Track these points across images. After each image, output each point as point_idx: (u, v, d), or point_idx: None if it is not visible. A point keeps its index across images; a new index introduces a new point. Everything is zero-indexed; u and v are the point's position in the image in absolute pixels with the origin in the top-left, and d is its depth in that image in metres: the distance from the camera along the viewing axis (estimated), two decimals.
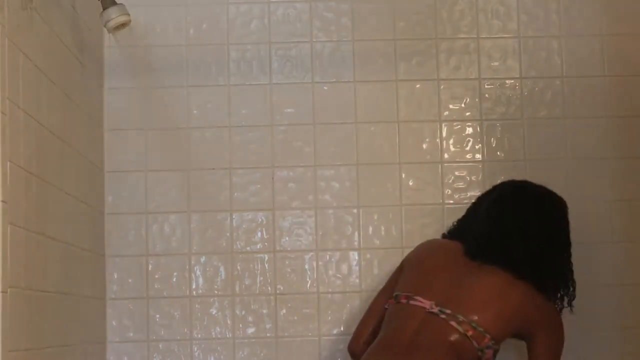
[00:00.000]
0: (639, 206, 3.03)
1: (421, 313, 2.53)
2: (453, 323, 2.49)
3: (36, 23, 2.26)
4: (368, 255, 3.00)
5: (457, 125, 3.07)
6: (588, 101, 3.07)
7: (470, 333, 2.49)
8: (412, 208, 3.02)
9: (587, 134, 3.06)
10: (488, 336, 2.50)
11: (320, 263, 2.99)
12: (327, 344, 2.98)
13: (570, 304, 2.69)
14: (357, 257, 3.00)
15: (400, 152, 3.04)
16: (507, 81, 3.09)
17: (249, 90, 3.06)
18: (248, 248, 3.01)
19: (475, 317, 2.51)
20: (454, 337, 2.49)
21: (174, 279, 3.00)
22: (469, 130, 3.07)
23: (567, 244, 2.69)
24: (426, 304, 2.53)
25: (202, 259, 3.00)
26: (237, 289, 2.99)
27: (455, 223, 2.82)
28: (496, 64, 3.09)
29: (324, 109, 3.03)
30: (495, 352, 2.53)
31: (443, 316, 2.50)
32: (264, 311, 2.98)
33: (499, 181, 3.03)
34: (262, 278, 3.00)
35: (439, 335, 2.49)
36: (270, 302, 2.99)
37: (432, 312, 2.51)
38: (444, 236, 2.83)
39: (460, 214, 2.97)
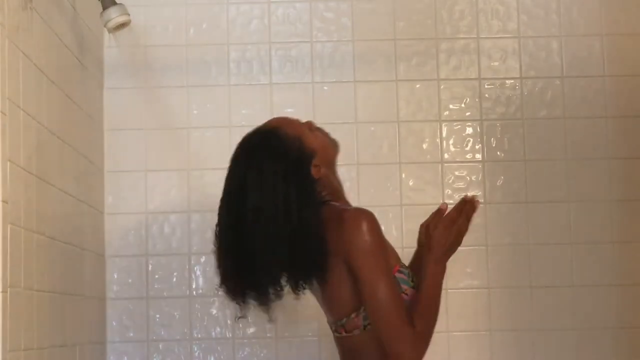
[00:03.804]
0: (639, 206, 3.03)
1: None
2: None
3: (36, 23, 2.26)
4: None
5: (457, 125, 3.08)
6: (588, 101, 3.07)
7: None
8: (412, 208, 3.02)
9: (587, 134, 3.06)
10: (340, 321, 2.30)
11: None
12: (327, 344, 2.97)
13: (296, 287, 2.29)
14: None
15: (400, 152, 3.04)
16: (507, 81, 3.09)
17: (249, 90, 3.06)
18: None
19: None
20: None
21: (174, 279, 3.00)
22: (469, 130, 3.07)
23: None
24: None
25: (202, 259, 3.00)
26: None
27: None
28: (496, 64, 3.09)
29: (324, 109, 3.03)
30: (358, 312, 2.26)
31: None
32: None
33: (499, 181, 3.04)
34: None
35: None
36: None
37: None
38: None
39: None
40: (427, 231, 2.26)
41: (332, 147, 2.36)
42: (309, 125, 2.37)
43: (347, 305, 2.25)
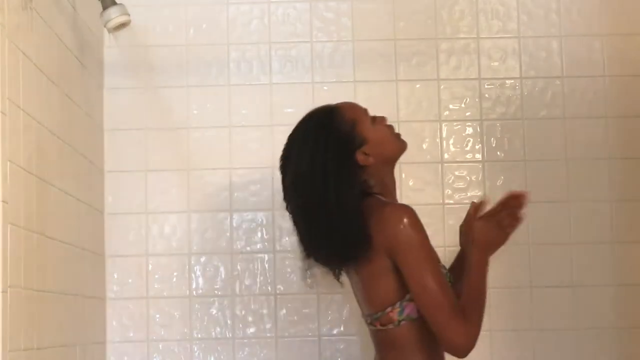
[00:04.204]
0: (639, 206, 3.03)
1: None
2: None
3: (36, 23, 2.26)
4: None
5: (457, 125, 3.07)
6: (588, 101, 3.07)
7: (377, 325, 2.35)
8: None
9: (587, 134, 3.06)
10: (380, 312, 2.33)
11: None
12: (327, 344, 2.98)
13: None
14: None
15: None
16: (507, 81, 3.09)
17: (249, 90, 3.06)
18: (248, 248, 3.01)
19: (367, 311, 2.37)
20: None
21: (174, 279, 3.00)
22: (469, 130, 3.07)
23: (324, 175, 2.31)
24: None
25: (202, 259, 3.01)
26: (237, 289, 2.99)
27: None
28: (496, 64, 3.09)
29: None
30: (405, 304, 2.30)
31: None
32: (264, 311, 2.98)
33: (499, 181, 3.04)
34: (262, 278, 3.00)
35: None
36: (270, 302, 2.99)
37: None
38: None
39: (461, 213, 2.96)
40: (468, 223, 2.34)
41: (392, 145, 2.42)
42: (378, 118, 2.43)
43: (384, 299, 2.29)
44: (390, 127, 2.44)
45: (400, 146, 2.44)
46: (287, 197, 2.40)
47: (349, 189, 2.30)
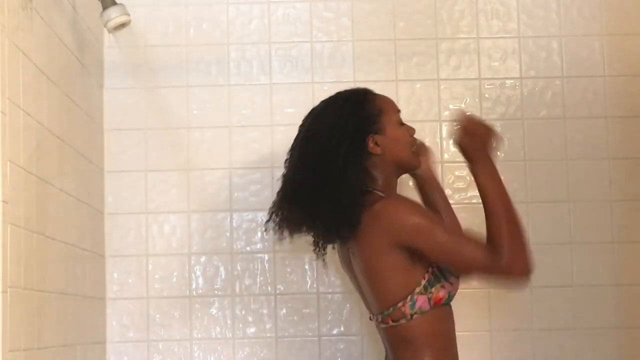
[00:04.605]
0: (639, 206, 3.03)
1: None
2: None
3: (36, 23, 2.26)
4: None
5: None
6: (588, 101, 3.07)
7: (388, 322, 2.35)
8: None
9: (587, 134, 3.06)
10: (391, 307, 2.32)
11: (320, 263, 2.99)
12: (327, 344, 2.98)
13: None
14: None
15: None
16: (507, 81, 3.09)
17: (249, 90, 3.06)
18: (248, 248, 3.01)
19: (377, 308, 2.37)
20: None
21: (174, 279, 3.00)
22: None
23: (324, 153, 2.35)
24: None
25: (202, 259, 3.01)
26: (237, 289, 2.99)
27: None
28: (496, 64, 3.09)
29: None
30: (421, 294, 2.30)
31: None
32: (264, 311, 2.98)
33: None
34: (262, 278, 3.00)
35: None
36: (270, 302, 2.99)
37: None
38: None
39: (461, 213, 2.97)
40: (456, 146, 2.36)
41: (405, 152, 2.43)
42: (407, 126, 2.45)
43: (394, 295, 2.29)
44: (414, 139, 2.46)
45: (412, 158, 2.45)
46: (294, 149, 2.42)
47: (354, 164, 2.32)
